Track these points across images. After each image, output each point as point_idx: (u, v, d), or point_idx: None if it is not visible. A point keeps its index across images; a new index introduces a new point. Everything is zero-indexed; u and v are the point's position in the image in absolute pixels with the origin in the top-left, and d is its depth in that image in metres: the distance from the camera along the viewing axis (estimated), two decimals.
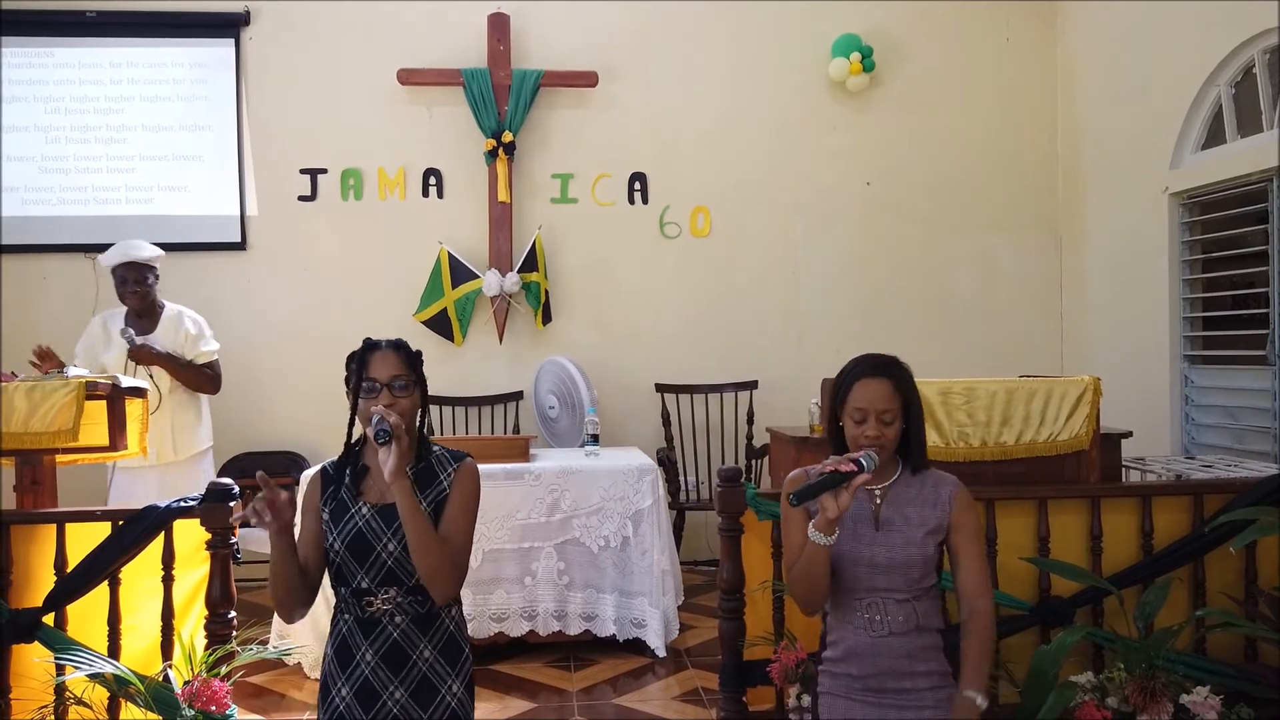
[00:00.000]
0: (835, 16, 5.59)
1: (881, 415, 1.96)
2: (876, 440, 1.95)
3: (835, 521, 1.90)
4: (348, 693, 1.92)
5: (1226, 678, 2.81)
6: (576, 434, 4.91)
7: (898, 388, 1.98)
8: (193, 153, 5.38)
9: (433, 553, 1.87)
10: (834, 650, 2.03)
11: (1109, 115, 5.28)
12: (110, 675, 2.75)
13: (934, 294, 5.73)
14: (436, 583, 1.90)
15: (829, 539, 1.91)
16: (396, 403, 1.93)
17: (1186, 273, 4.74)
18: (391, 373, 1.94)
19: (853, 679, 1.96)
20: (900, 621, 1.94)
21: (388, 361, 1.95)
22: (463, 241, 5.43)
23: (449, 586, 1.93)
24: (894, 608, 1.95)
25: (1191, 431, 4.69)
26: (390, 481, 1.85)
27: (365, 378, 1.94)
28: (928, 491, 2.00)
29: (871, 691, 1.95)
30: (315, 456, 5.12)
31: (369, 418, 1.91)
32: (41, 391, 3.18)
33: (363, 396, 1.94)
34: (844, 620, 2.02)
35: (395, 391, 1.93)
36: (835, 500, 1.87)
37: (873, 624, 1.95)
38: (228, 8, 5.36)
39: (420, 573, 1.89)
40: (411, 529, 1.86)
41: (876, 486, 2.02)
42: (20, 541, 2.95)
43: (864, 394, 1.98)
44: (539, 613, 3.91)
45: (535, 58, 5.48)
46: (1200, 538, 2.97)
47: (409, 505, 1.85)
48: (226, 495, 2.93)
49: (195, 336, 4.31)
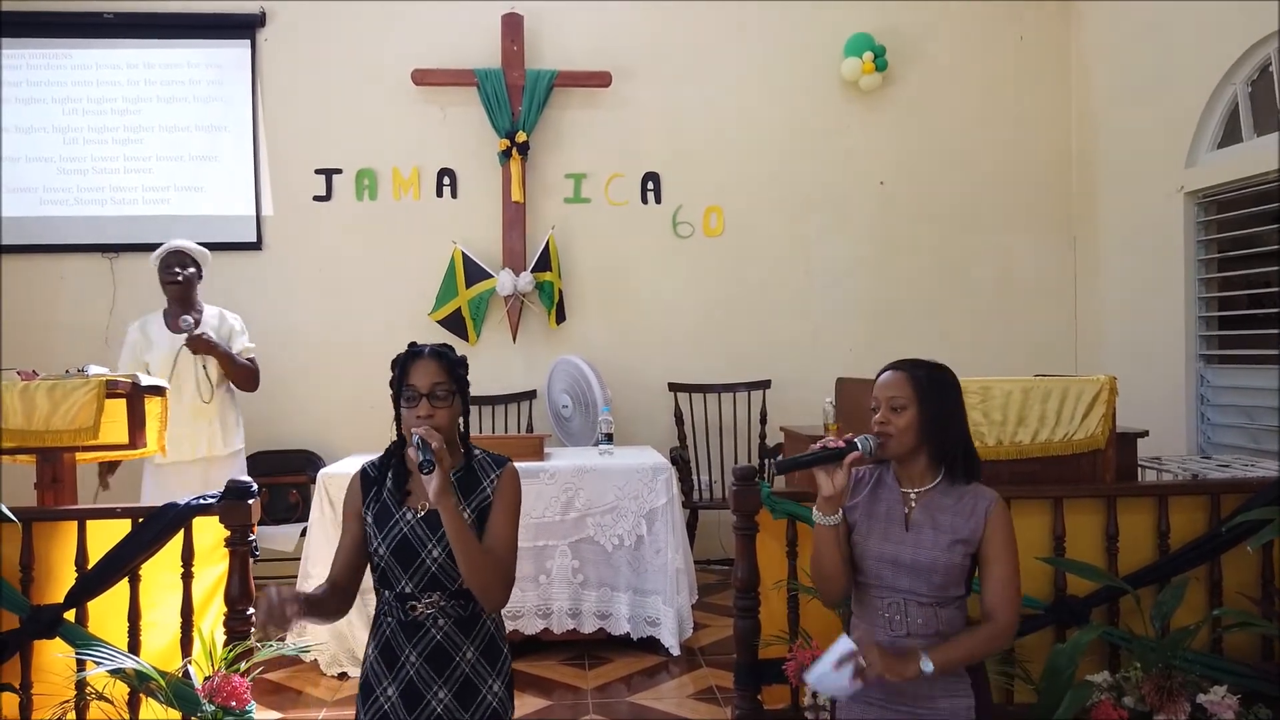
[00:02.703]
0: (847, 16, 5.58)
1: (891, 401, 1.99)
2: (884, 426, 1.98)
3: (834, 500, 1.93)
4: (394, 693, 1.94)
5: (1244, 677, 2.81)
6: (590, 433, 4.92)
7: (910, 378, 2.00)
8: (209, 153, 5.42)
9: (484, 570, 1.88)
10: None
11: (1124, 114, 5.26)
12: (131, 671, 2.78)
13: (948, 293, 5.71)
14: (489, 595, 1.92)
15: (831, 519, 1.94)
16: (436, 413, 1.92)
17: (1202, 272, 4.72)
18: (432, 381, 1.93)
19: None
20: (920, 624, 1.93)
21: (429, 370, 1.94)
22: (477, 241, 5.45)
23: (501, 597, 1.95)
24: (915, 610, 1.95)
25: (1207, 431, 4.67)
26: (435, 504, 1.84)
27: (405, 385, 1.94)
28: (965, 503, 1.98)
29: (889, 695, 1.95)
30: (331, 455, 5.15)
31: (410, 428, 1.91)
32: (62, 390, 3.21)
33: (404, 405, 1.95)
34: (865, 618, 2.02)
35: (435, 401, 1.93)
36: (830, 478, 1.91)
37: (892, 623, 1.95)
38: (243, 9, 5.40)
39: (472, 588, 1.90)
40: (460, 550, 1.86)
41: (912, 490, 2.02)
42: (41, 538, 2.98)
43: (879, 385, 2.03)
44: (553, 611, 3.93)
45: (549, 58, 5.49)
46: (1217, 537, 2.96)
47: (456, 528, 1.84)
48: (245, 493, 2.96)
49: (239, 332, 4.38)
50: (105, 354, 4.57)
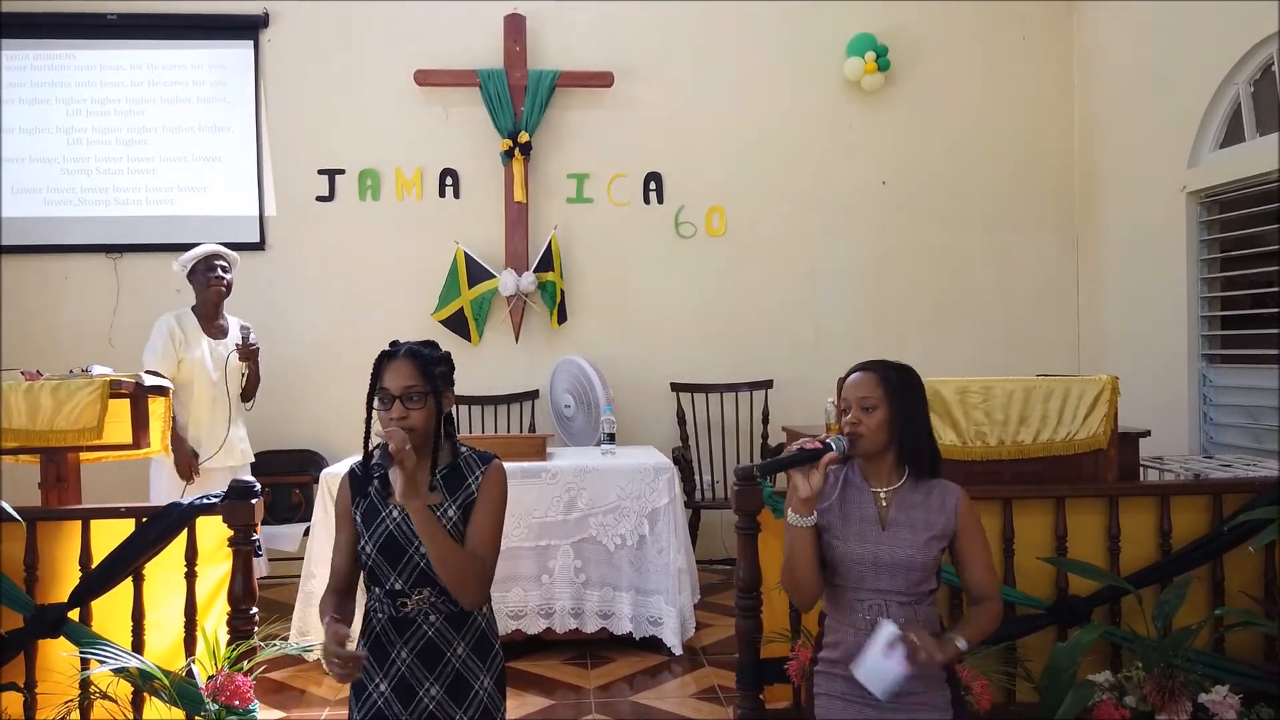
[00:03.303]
0: (850, 16, 5.59)
1: (862, 401, 2.02)
2: (854, 426, 2.01)
3: (809, 501, 1.95)
4: (386, 688, 1.94)
5: (1246, 677, 2.81)
6: (592, 433, 4.93)
7: (881, 379, 2.04)
8: (212, 154, 5.43)
9: (456, 566, 1.87)
10: (832, 651, 2.05)
11: (1126, 113, 5.26)
12: (135, 670, 2.79)
13: (950, 293, 5.71)
14: (464, 592, 1.91)
15: (807, 520, 1.97)
16: (409, 415, 1.90)
17: (1205, 271, 4.71)
18: (404, 384, 1.91)
19: (850, 680, 1.96)
20: (901, 623, 1.95)
21: (401, 372, 1.91)
22: (479, 241, 5.46)
23: (476, 595, 1.93)
24: (895, 609, 1.98)
25: (1210, 431, 4.67)
26: (400, 502, 1.83)
27: (379, 388, 1.93)
28: (934, 499, 2.04)
29: (870, 694, 1.96)
30: (334, 455, 5.16)
31: (382, 430, 1.90)
32: (66, 390, 3.22)
33: (376, 408, 1.94)
34: (844, 621, 2.03)
35: (408, 403, 1.91)
36: (806, 479, 1.94)
37: (874, 625, 1.96)
38: (246, 9, 5.41)
39: (447, 585, 1.90)
40: (431, 548, 1.85)
41: (881, 490, 2.06)
42: (45, 538, 2.99)
43: (849, 385, 2.07)
44: (556, 610, 3.93)
45: (551, 58, 5.50)
46: (1219, 537, 2.96)
47: (424, 526, 1.84)
48: (249, 493, 2.97)
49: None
50: (109, 354, 4.58)
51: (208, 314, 4.28)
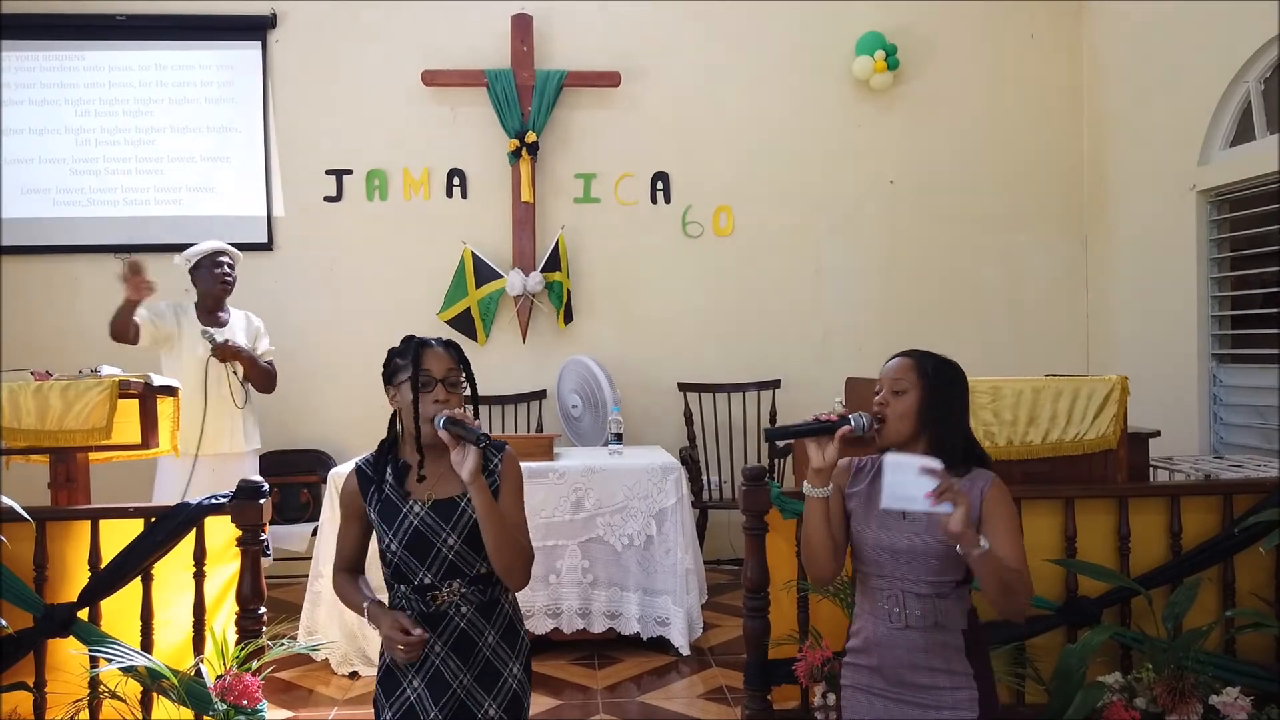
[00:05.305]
0: (859, 15, 5.57)
1: (893, 384, 2.01)
2: (881, 407, 2.00)
3: (824, 473, 1.95)
4: (419, 684, 1.97)
5: (1257, 679, 2.79)
6: (599, 433, 4.92)
7: (916, 365, 2.02)
8: (220, 154, 5.44)
9: (512, 549, 1.93)
10: (856, 640, 2.04)
11: (1135, 112, 5.23)
12: (143, 669, 2.79)
13: (959, 292, 5.70)
14: (514, 574, 1.97)
15: (821, 491, 1.97)
16: (450, 398, 1.97)
17: (1215, 271, 4.69)
18: (446, 368, 1.97)
19: (873, 672, 1.97)
20: (918, 616, 1.93)
21: (442, 358, 1.98)
22: (486, 241, 5.46)
23: (525, 575, 1.99)
24: (913, 601, 1.95)
25: (1220, 431, 4.65)
26: (470, 482, 1.88)
27: (421, 371, 1.96)
28: (963, 487, 1.97)
29: (891, 687, 1.95)
30: (342, 455, 5.17)
31: (430, 416, 1.93)
32: (75, 390, 3.23)
33: (421, 391, 1.96)
34: (866, 609, 2.03)
35: (449, 388, 1.97)
36: (821, 450, 1.94)
37: (891, 615, 1.95)
38: (254, 10, 5.42)
39: (498, 568, 1.95)
40: (491, 529, 1.90)
41: None
42: (55, 538, 3.00)
43: (886, 369, 2.05)
44: (563, 610, 3.93)
45: (558, 58, 5.50)
46: (1230, 538, 2.95)
47: (488, 507, 1.90)
48: (257, 493, 2.97)
49: (263, 334, 4.44)
50: (118, 355, 4.58)
51: (209, 308, 4.31)
